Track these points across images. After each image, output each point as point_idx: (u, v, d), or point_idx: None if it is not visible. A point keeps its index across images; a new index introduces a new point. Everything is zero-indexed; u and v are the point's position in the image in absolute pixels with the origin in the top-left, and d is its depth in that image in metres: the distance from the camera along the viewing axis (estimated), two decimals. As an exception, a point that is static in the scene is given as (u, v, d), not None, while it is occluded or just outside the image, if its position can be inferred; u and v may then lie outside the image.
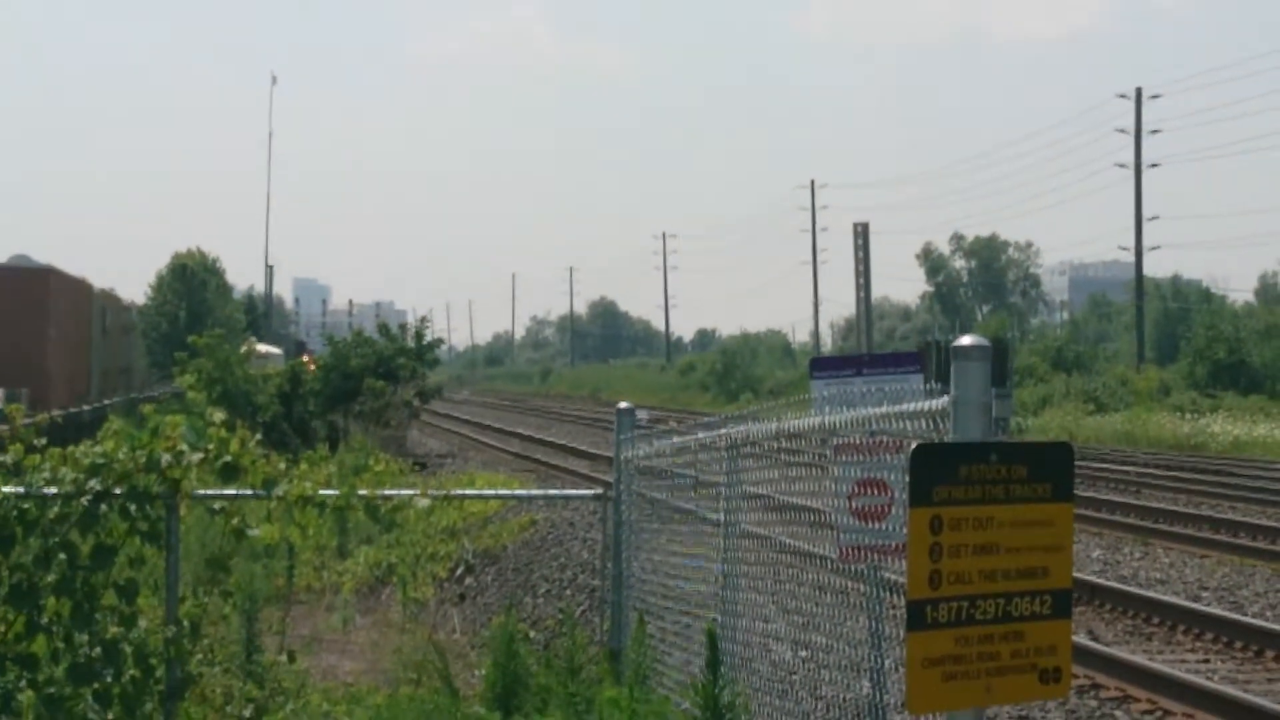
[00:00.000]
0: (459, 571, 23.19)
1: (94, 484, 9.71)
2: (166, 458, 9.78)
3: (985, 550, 5.51)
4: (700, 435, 10.52)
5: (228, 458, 9.86)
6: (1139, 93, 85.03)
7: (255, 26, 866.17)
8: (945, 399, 5.79)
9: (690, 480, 10.92)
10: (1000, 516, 5.52)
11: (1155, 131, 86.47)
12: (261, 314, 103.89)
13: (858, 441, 7.99)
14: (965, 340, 5.69)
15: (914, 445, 5.49)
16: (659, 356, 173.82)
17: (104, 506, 9.76)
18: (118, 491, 9.78)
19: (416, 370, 48.66)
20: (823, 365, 9.60)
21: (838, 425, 7.81)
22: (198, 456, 9.82)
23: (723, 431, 9.87)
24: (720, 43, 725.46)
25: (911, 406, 6.54)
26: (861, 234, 53.19)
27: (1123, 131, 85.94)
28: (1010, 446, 5.63)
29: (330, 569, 21.80)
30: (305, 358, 51.27)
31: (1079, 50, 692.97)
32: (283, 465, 10.23)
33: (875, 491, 8.07)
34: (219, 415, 10.53)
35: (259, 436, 10.43)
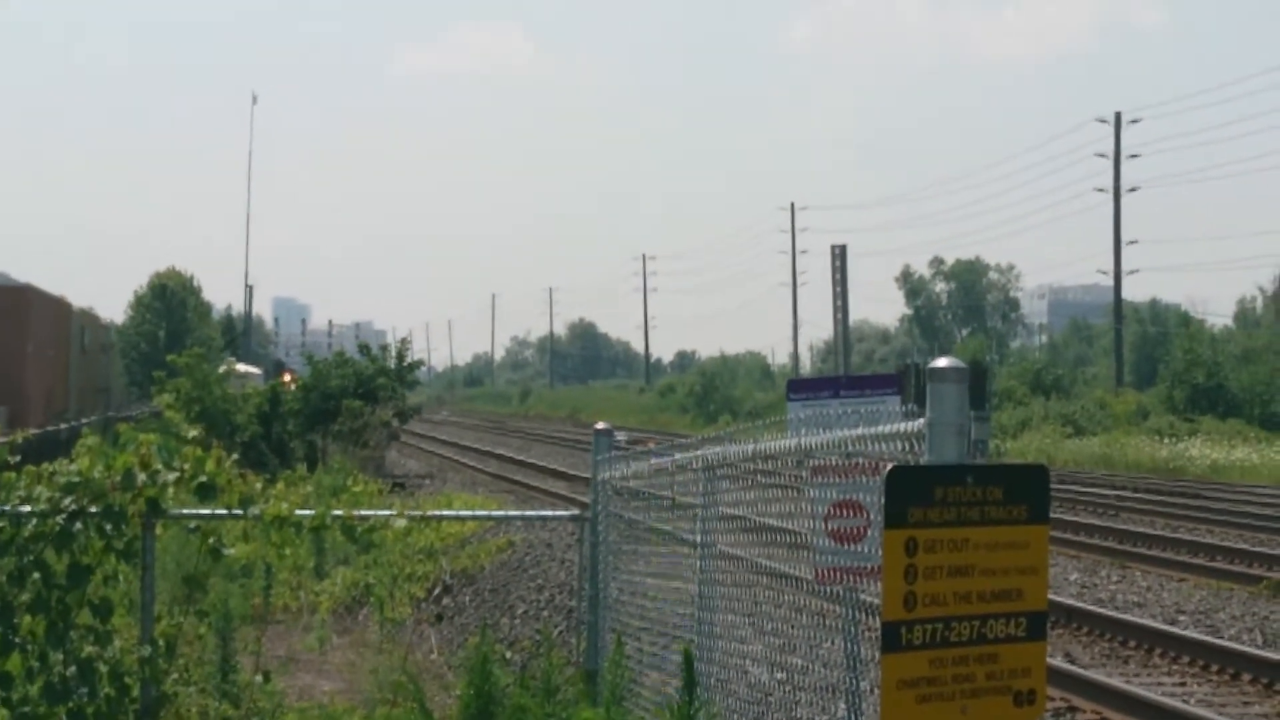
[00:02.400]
0: (436, 592, 23.15)
1: (69, 502, 9.68)
2: (142, 476, 9.76)
3: (960, 572, 5.50)
4: (677, 456, 10.51)
5: (204, 477, 9.84)
6: (1118, 117, 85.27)
7: (234, 46, 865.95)
8: (921, 421, 5.79)
9: (667, 501, 10.91)
10: (975, 538, 5.52)
11: (1134, 156, 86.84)
12: (241, 333, 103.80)
13: (834, 463, 7.99)
14: (941, 362, 5.69)
15: (889, 467, 5.49)
16: (638, 378, 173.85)
17: (79, 525, 9.74)
18: (93, 510, 9.76)
19: (396, 391, 48.63)
20: (800, 387, 9.59)
21: (813, 447, 7.80)
22: (173, 475, 9.80)
23: (699, 453, 9.87)
24: (701, 63, 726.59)
25: (887, 428, 6.54)
26: (839, 256, 53.23)
27: (1102, 155, 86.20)
28: (986, 469, 5.64)
29: (307, 589, 21.75)
30: (286, 376, 51.17)
31: (1059, 72, 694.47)
32: (259, 485, 10.22)
33: (852, 513, 8.07)
34: (193, 431, 10.51)
35: (235, 456, 10.40)
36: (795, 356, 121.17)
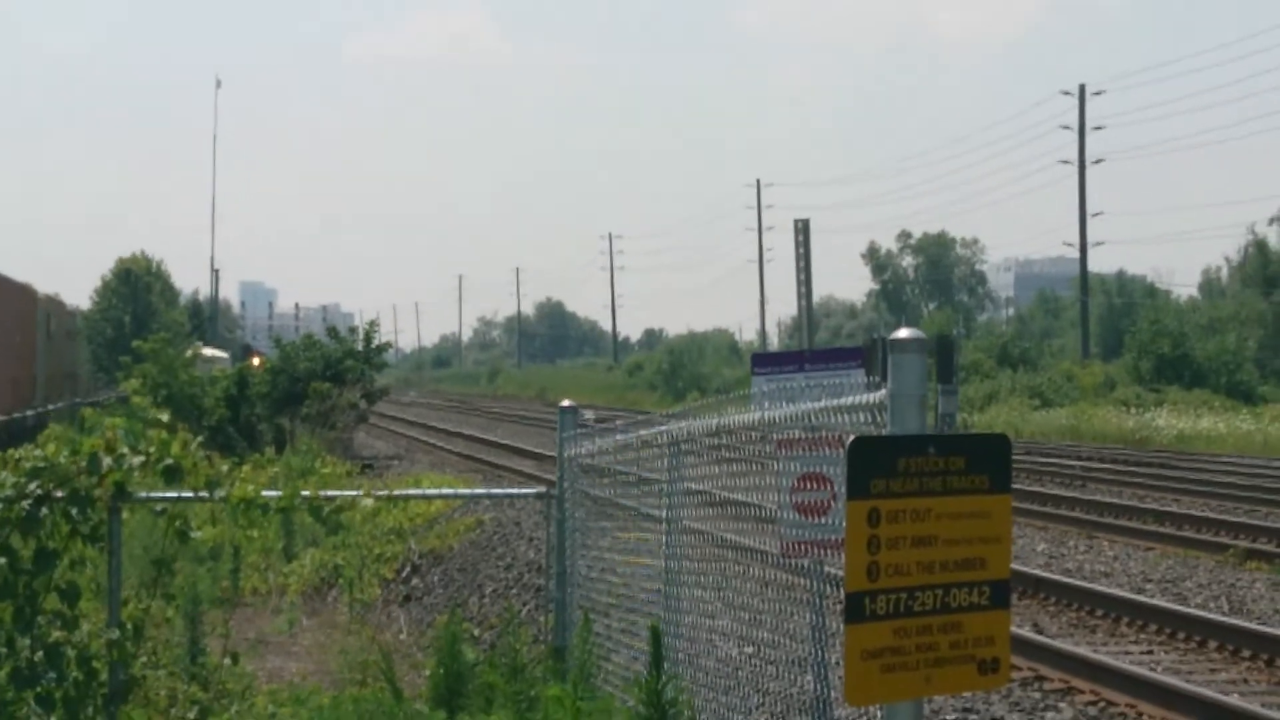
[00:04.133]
0: (405, 573, 23.15)
1: (35, 487, 9.66)
2: (108, 460, 9.74)
3: (923, 542, 5.52)
4: (642, 432, 10.52)
5: (169, 460, 9.82)
6: (1082, 89, 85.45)
7: (198, 29, 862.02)
8: (883, 392, 5.80)
9: (633, 478, 10.92)
10: (938, 508, 5.53)
11: (1099, 128, 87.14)
12: (207, 318, 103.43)
13: (799, 436, 8.01)
14: (902, 333, 5.70)
15: (851, 438, 5.50)
16: (606, 356, 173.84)
17: (45, 510, 9.71)
18: (59, 495, 9.74)
19: (364, 373, 48.58)
20: (764, 361, 9.60)
21: (777, 420, 7.82)
22: (139, 459, 9.78)
23: (664, 428, 9.88)
24: (664, 42, 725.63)
25: (849, 400, 6.55)
26: (802, 230, 53.11)
27: (1066, 128, 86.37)
28: (948, 439, 5.66)
29: (276, 571, 21.74)
30: (255, 360, 51.05)
31: (1023, 47, 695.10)
32: (225, 467, 10.20)
33: (817, 486, 8.09)
34: (161, 414, 10.49)
35: (200, 439, 10.38)
36: (762, 333, 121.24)
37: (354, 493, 10.98)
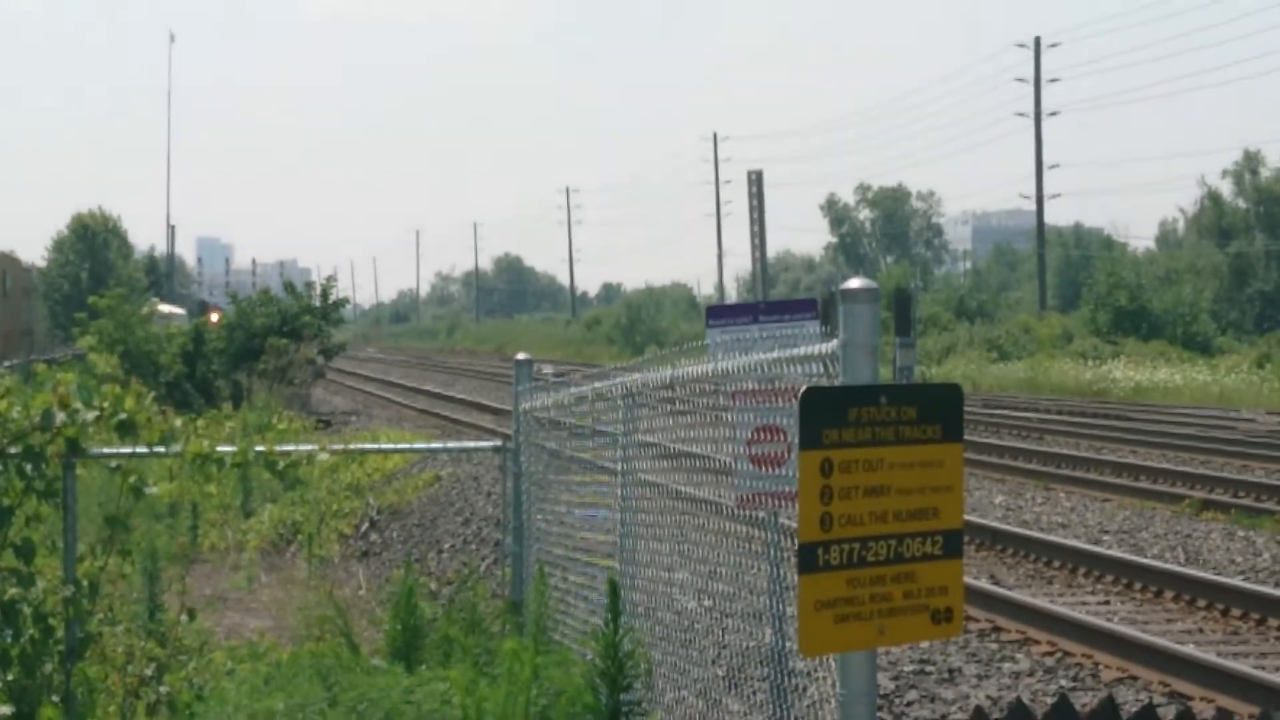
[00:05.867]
0: (364, 529, 23.15)
1: (-12, 444, 9.61)
2: (61, 416, 9.70)
3: (876, 492, 5.52)
4: (596, 385, 10.52)
5: (123, 415, 9.78)
6: (1037, 42, 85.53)
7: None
8: (835, 342, 5.80)
9: (588, 431, 10.92)
10: (890, 458, 5.54)
11: (1054, 80, 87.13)
12: (164, 274, 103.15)
13: (753, 388, 8.01)
14: (853, 283, 5.70)
15: (803, 388, 5.50)
16: (565, 311, 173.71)
17: (-1, 466, 9.67)
18: (12, 451, 9.69)
19: (321, 329, 48.49)
20: (719, 314, 9.63)
21: (729, 372, 7.81)
22: (92, 414, 9.74)
23: (618, 380, 9.88)
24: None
25: (801, 351, 6.54)
26: (755, 182, 53.15)
27: (1022, 80, 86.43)
28: (899, 389, 5.66)
29: (234, 528, 21.73)
30: (214, 316, 50.89)
31: None
32: (179, 422, 10.17)
33: (772, 437, 8.10)
34: (109, 363, 10.45)
35: (154, 394, 10.34)
36: (720, 287, 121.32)
37: (309, 446, 10.95)
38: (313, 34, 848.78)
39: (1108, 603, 16.35)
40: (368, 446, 20.31)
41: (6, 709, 9.44)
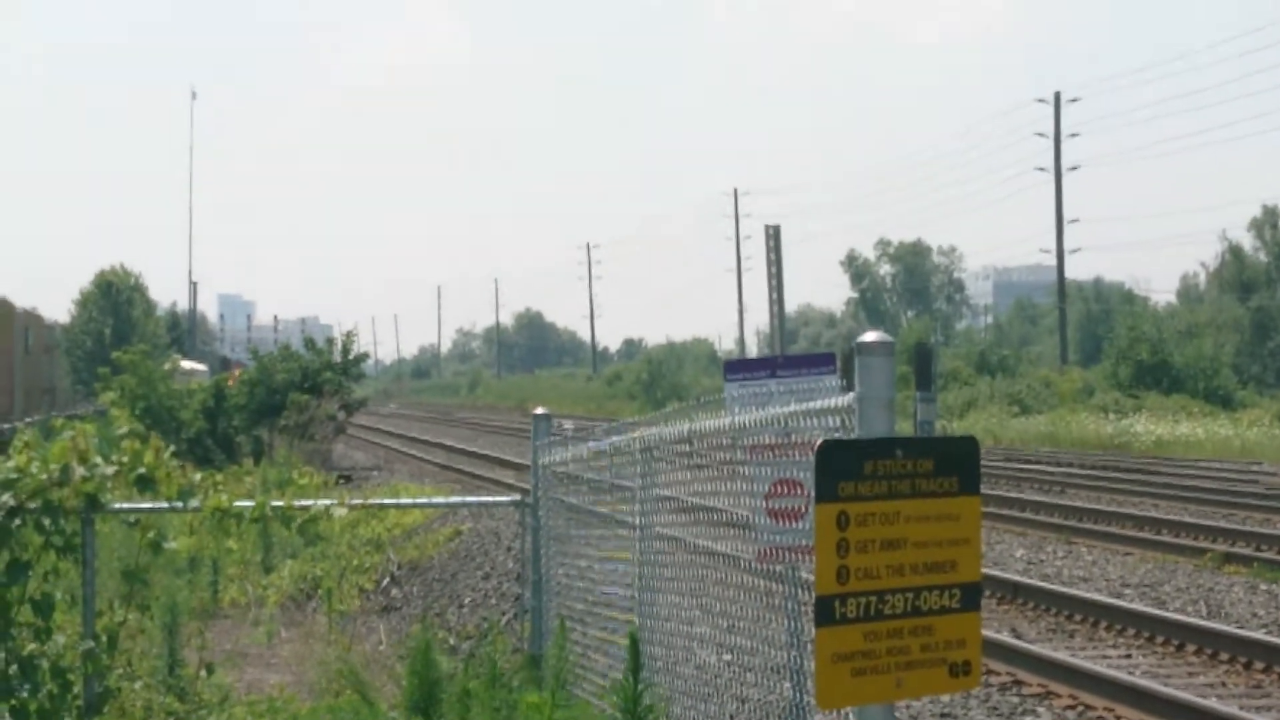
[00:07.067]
0: (384, 584, 23.12)
1: (7, 499, 9.64)
2: (80, 470, 9.72)
3: (893, 545, 5.50)
4: (614, 439, 10.51)
5: (142, 469, 9.80)
6: (1057, 97, 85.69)
7: (174, 39, 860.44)
8: (851, 395, 5.80)
9: (607, 484, 10.92)
10: (907, 511, 5.52)
11: (1074, 135, 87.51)
12: (186, 330, 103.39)
13: (771, 441, 8.00)
14: (869, 337, 5.70)
15: (819, 441, 5.49)
16: (585, 366, 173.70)
17: (17, 521, 9.69)
18: (31, 506, 9.71)
19: (342, 384, 48.55)
20: (737, 368, 9.60)
21: (746, 425, 7.81)
22: (111, 469, 9.76)
23: (636, 434, 9.87)
24: (636, 48, 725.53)
25: (817, 404, 6.55)
26: (773, 237, 53.25)
27: (1042, 135, 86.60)
28: (916, 441, 5.64)
29: (255, 583, 21.71)
30: (234, 375, 50.99)
31: (993, 50, 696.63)
32: (198, 477, 10.19)
33: (790, 491, 8.08)
34: (131, 424, 10.47)
35: (173, 449, 10.36)
36: (741, 342, 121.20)
37: (327, 501, 10.96)
38: (334, 94, 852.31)
39: (1129, 656, 16.28)
40: (386, 501, 20.29)
41: (25, 764, 9.46)
